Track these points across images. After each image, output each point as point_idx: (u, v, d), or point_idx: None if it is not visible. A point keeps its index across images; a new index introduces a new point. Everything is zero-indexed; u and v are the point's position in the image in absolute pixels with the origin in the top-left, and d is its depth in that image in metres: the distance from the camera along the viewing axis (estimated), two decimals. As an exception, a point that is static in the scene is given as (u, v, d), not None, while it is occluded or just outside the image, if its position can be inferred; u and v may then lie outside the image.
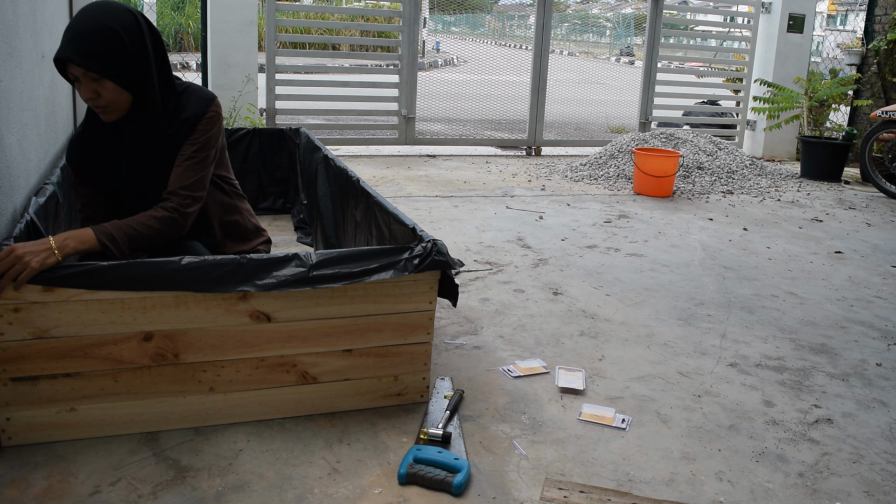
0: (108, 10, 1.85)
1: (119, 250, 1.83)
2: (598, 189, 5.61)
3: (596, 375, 2.36)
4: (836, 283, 3.53)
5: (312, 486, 1.69)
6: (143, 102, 1.94)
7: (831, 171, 6.53)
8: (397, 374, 2.04)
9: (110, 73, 1.83)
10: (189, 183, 1.98)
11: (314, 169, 3.61)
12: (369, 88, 6.62)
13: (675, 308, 3.03)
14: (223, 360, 1.86)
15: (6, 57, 2.07)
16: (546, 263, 3.55)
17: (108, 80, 1.84)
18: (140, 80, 1.90)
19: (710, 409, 2.19)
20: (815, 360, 2.59)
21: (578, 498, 1.68)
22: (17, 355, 1.69)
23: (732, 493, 1.77)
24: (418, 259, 1.90)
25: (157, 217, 1.92)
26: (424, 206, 4.65)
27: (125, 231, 1.86)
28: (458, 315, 2.79)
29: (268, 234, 2.38)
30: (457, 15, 18.88)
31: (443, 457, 1.75)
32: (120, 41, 1.83)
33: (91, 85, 1.84)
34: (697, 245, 4.07)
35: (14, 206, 2.13)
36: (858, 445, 2.02)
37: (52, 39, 2.95)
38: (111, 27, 1.82)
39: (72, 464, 1.72)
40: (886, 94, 7.37)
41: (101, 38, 1.80)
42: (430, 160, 6.48)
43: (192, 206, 1.99)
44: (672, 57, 9.80)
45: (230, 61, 5.88)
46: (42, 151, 2.65)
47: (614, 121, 8.91)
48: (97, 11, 1.84)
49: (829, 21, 34.26)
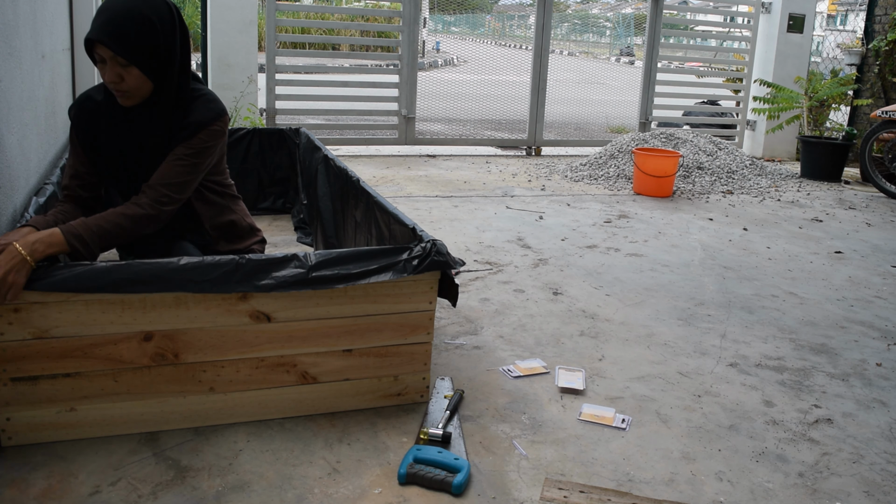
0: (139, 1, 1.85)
1: (88, 251, 1.78)
2: (598, 189, 5.61)
3: (596, 375, 2.36)
4: (836, 283, 3.53)
5: (312, 486, 1.69)
6: (161, 94, 1.94)
7: (831, 171, 6.53)
8: (397, 374, 2.04)
9: (139, 61, 1.84)
10: (172, 182, 1.94)
11: (314, 169, 3.61)
12: (369, 88, 6.62)
13: (675, 308, 3.03)
14: (223, 360, 1.86)
15: (6, 57, 2.08)
16: (546, 263, 3.55)
17: (135, 68, 1.85)
18: (164, 73, 1.91)
19: (710, 409, 2.19)
20: (815, 360, 2.59)
21: (578, 498, 1.68)
22: (17, 355, 1.69)
23: (732, 493, 1.77)
24: (418, 260, 1.90)
25: (128, 215, 1.87)
26: (424, 206, 4.65)
27: (94, 230, 1.80)
28: (458, 315, 2.79)
29: (263, 234, 2.39)
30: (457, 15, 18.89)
31: (443, 457, 1.75)
32: (154, 31, 1.84)
33: (117, 69, 1.85)
34: (697, 245, 4.07)
35: (14, 206, 2.13)
36: (858, 445, 2.02)
37: (52, 39, 2.95)
38: (148, 16, 1.83)
39: (72, 464, 1.71)
40: (886, 94, 7.36)
41: (137, 25, 1.81)
42: (430, 160, 6.48)
43: (168, 206, 1.94)
44: (672, 57, 9.80)
45: (230, 61, 5.88)
46: (42, 151, 2.65)
47: (614, 121, 8.91)
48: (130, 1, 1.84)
49: (829, 21, 34.26)
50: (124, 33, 1.80)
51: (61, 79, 3.30)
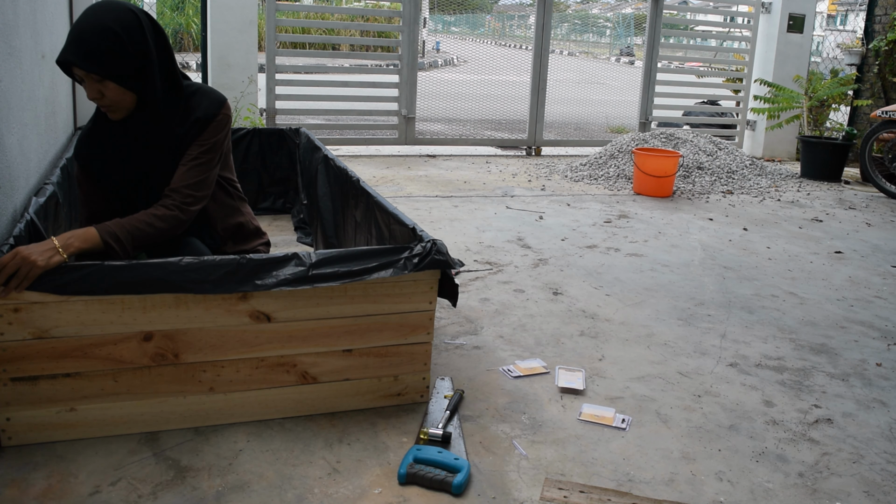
0: (109, 11, 1.84)
1: (123, 249, 1.84)
2: (598, 189, 5.61)
3: (596, 375, 2.36)
4: (836, 283, 3.53)
5: (312, 486, 1.69)
6: (147, 101, 1.94)
7: (831, 171, 6.53)
8: (397, 374, 2.04)
9: (111, 75, 1.83)
10: (193, 182, 1.98)
11: (314, 169, 3.61)
12: (369, 88, 6.62)
13: (675, 308, 3.03)
14: (223, 360, 1.86)
15: (6, 57, 2.08)
16: (546, 263, 3.55)
17: (111, 82, 1.85)
18: (142, 80, 1.90)
19: (710, 409, 2.19)
20: (815, 360, 2.59)
21: (578, 498, 1.68)
22: (17, 355, 1.69)
23: (732, 493, 1.77)
24: (418, 258, 1.90)
25: (158, 215, 1.92)
26: (424, 206, 4.65)
27: (128, 230, 1.86)
28: (458, 315, 2.79)
29: (267, 236, 2.39)
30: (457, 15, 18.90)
31: (443, 457, 1.75)
32: (119, 42, 1.82)
33: (95, 86, 1.85)
34: (697, 245, 4.07)
35: (14, 206, 2.13)
36: (858, 445, 2.02)
37: (52, 39, 2.95)
38: (111, 28, 1.82)
39: (72, 464, 1.71)
40: (886, 94, 7.37)
41: (101, 39, 1.80)
42: (430, 160, 6.48)
43: (194, 206, 1.99)
44: (672, 57, 9.80)
45: (230, 61, 5.88)
46: (42, 151, 2.65)
47: (614, 121, 8.91)
48: (98, 12, 1.84)
49: (829, 21, 34.26)
50: (92, 50, 1.80)
51: (61, 79, 3.30)
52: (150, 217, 1.91)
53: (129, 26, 1.86)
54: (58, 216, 2.45)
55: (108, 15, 1.84)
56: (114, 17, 1.84)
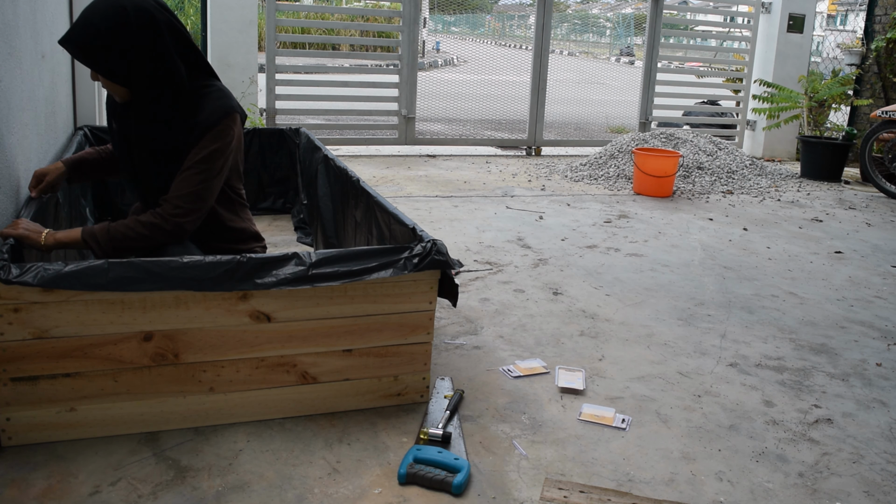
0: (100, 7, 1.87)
1: (101, 250, 1.89)
2: (598, 189, 5.61)
3: (596, 375, 2.36)
4: (836, 283, 3.53)
5: (312, 486, 1.69)
6: (140, 96, 1.94)
7: (831, 171, 6.53)
8: (397, 374, 2.04)
9: (94, 68, 1.90)
10: (185, 193, 1.94)
11: (314, 169, 3.61)
12: (369, 88, 6.62)
13: (675, 308, 3.03)
14: (223, 360, 1.86)
15: (6, 57, 2.07)
16: (546, 263, 3.55)
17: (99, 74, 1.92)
18: (128, 77, 1.91)
19: (710, 409, 2.19)
20: (815, 360, 2.59)
21: (578, 498, 1.68)
22: (17, 355, 1.69)
23: (732, 493, 1.77)
24: (418, 258, 1.90)
25: (141, 221, 1.92)
26: (424, 206, 4.65)
27: (111, 234, 1.89)
28: (458, 315, 2.79)
29: (265, 241, 2.38)
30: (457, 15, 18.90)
31: (443, 457, 1.75)
32: (101, 39, 1.85)
33: (92, 72, 1.94)
34: (697, 245, 4.07)
35: (14, 207, 2.13)
36: (858, 445, 2.02)
37: (52, 39, 2.95)
38: (98, 26, 1.86)
39: (72, 464, 1.71)
40: (886, 94, 7.37)
41: (85, 34, 1.86)
42: (430, 160, 6.48)
43: (181, 218, 1.94)
44: (672, 57, 9.80)
45: (230, 61, 5.88)
46: (42, 151, 2.65)
47: (614, 121, 8.91)
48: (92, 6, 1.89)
49: (829, 21, 34.26)
50: (77, 42, 1.87)
51: (61, 79, 3.31)
52: (133, 221, 1.92)
53: (115, 24, 1.86)
54: (58, 216, 2.45)
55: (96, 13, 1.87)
56: (102, 14, 1.86)
